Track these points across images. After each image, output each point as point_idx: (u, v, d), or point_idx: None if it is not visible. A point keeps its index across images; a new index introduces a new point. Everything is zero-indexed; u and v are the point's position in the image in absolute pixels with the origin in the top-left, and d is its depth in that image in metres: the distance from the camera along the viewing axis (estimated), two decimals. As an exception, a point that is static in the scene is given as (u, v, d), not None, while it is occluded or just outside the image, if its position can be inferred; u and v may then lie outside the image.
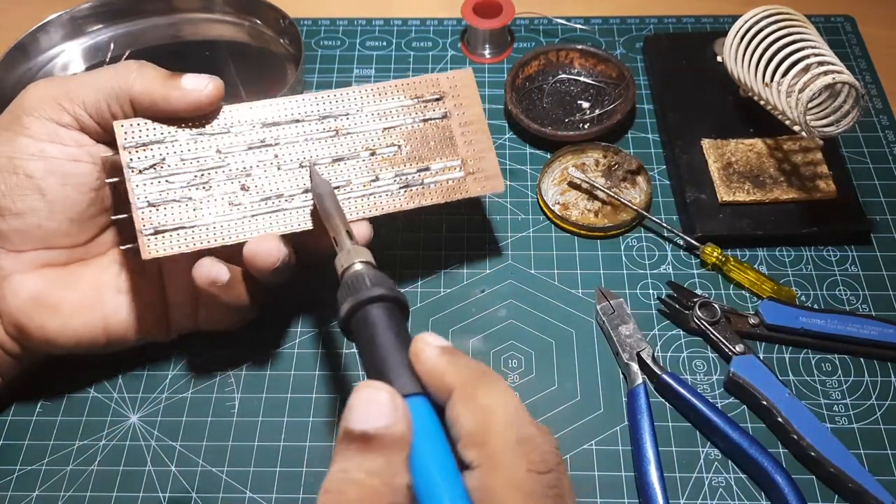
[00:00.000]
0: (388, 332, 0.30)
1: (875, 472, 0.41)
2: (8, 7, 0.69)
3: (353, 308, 0.31)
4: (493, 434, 0.27)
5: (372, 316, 0.31)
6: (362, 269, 0.33)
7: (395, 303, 0.32)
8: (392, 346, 0.30)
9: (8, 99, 0.58)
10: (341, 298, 0.32)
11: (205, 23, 0.66)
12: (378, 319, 0.31)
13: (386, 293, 0.31)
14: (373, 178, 0.44)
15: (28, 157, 0.40)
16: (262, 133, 0.43)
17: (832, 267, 0.50)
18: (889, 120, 0.58)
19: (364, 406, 0.27)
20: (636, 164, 0.54)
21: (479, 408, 0.28)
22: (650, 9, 0.67)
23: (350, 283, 0.32)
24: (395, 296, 0.32)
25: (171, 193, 0.41)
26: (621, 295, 0.49)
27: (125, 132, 0.41)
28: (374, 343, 0.30)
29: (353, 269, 0.34)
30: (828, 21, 0.65)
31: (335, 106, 0.45)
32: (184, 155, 0.42)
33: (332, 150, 0.44)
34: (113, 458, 0.43)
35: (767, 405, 0.43)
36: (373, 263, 0.34)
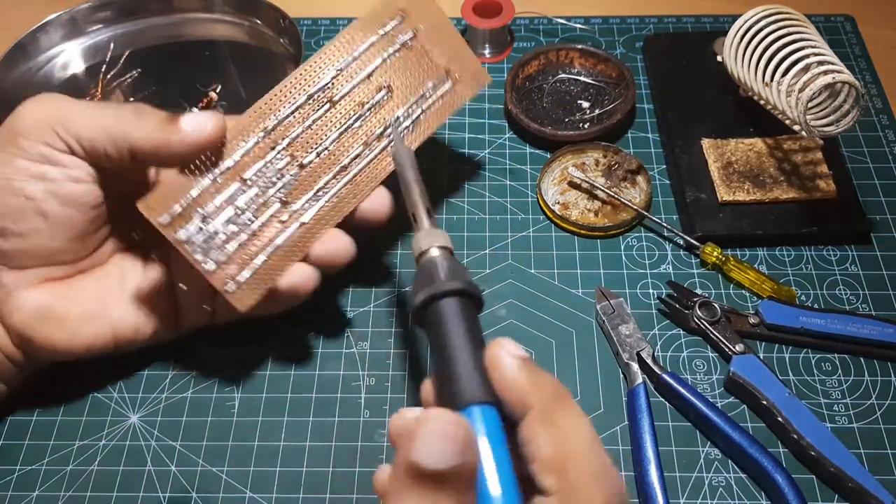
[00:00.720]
0: (461, 331, 0.29)
1: (875, 472, 0.41)
2: (8, 7, 0.69)
3: (427, 300, 0.30)
4: (573, 462, 0.26)
5: (445, 311, 0.29)
6: (439, 257, 0.32)
7: (470, 297, 0.30)
8: (464, 346, 0.28)
9: (8, 98, 0.59)
10: (416, 286, 0.31)
11: (205, 23, 0.66)
12: (451, 315, 0.29)
13: (462, 287, 0.30)
14: (381, 131, 0.44)
15: (27, 179, 0.39)
16: (269, 141, 0.42)
17: (832, 266, 0.50)
18: (889, 119, 0.58)
19: (438, 442, 0.25)
20: (636, 163, 0.54)
21: (560, 432, 0.27)
22: (650, 8, 0.67)
23: (426, 271, 0.31)
24: (471, 290, 0.30)
25: (227, 242, 0.40)
26: (621, 295, 0.49)
27: (153, 210, 0.39)
28: (446, 341, 0.29)
29: (430, 254, 0.32)
30: (828, 21, 0.65)
31: (315, 79, 0.43)
32: (215, 200, 0.40)
33: (335, 123, 0.43)
34: (113, 458, 0.43)
35: (767, 405, 0.43)
36: (450, 249, 0.33)
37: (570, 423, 0.27)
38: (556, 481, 0.26)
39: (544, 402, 0.27)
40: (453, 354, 0.28)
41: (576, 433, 0.27)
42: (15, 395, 0.44)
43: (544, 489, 0.26)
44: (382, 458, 0.43)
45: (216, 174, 0.41)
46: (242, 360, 0.47)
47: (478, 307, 0.31)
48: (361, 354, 0.47)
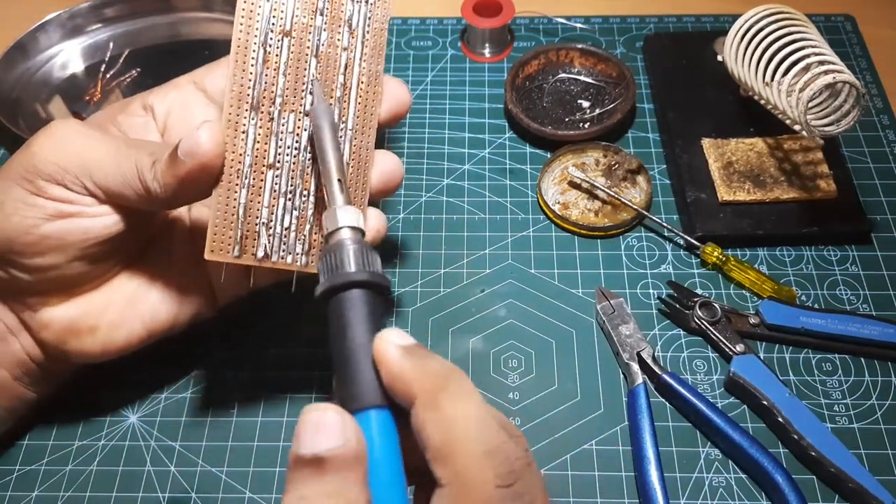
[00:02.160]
0: (360, 326, 0.28)
1: (875, 472, 0.41)
2: (7, 6, 0.68)
3: (330, 290, 0.29)
4: (458, 448, 0.25)
5: (346, 303, 0.28)
6: (348, 240, 0.30)
7: (375, 289, 0.29)
8: (361, 345, 0.27)
9: (7, 98, 0.59)
10: (321, 270, 0.29)
11: (204, 22, 0.66)
12: (352, 309, 0.28)
13: (366, 278, 0.28)
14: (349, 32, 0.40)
15: (45, 217, 0.38)
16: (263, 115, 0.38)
17: (832, 266, 0.50)
18: (889, 119, 0.58)
19: (312, 429, 0.26)
20: (636, 163, 0.54)
21: (444, 418, 0.26)
22: (650, 8, 0.67)
23: (332, 256, 0.29)
24: (377, 280, 0.29)
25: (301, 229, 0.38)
26: (621, 295, 0.49)
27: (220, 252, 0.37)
28: (344, 337, 0.28)
29: (339, 236, 0.30)
30: (828, 20, 0.65)
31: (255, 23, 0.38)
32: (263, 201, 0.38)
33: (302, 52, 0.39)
34: (113, 458, 0.43)
35: (768, 405, 0.43)
36: (361, 230, 0.31)
37: (457, 406, 0.26)
38: (445, 471, 0.25)
39: (428, 387, 0.26)
40: (349, 353, 0.27)
41: (462, 415, 0.26)
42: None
43: (437, 479, 0.26)
44: (382, 458, 0.43)
45: (244, 179, 0.37)
46: (242, 361, 0.47)
47: (384, 298, 0.29)
48: (361, 354, 0.47)
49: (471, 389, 0.27)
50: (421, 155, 0.57)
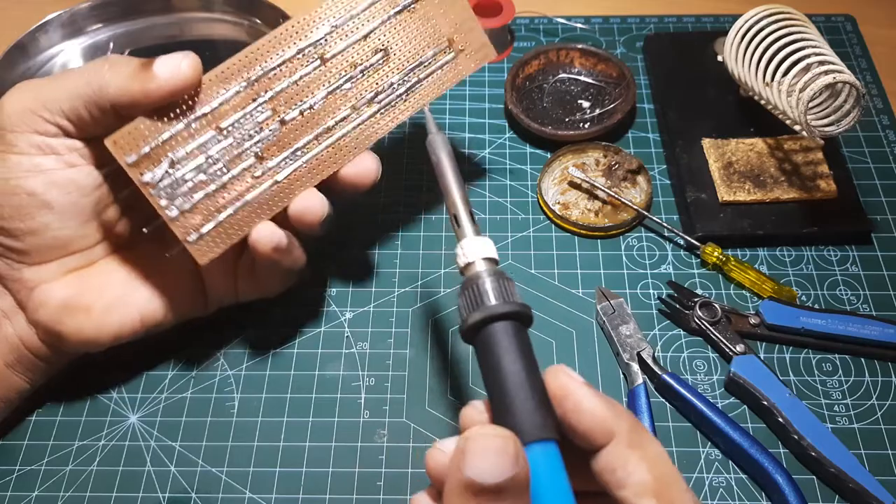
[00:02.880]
0: (516, 359, 0.28)
1: (876, 472, 0.41)
2: (8, 6, 0.68)
3: (478, 324, 0.28)
4: (671, 484, 0.27)
5: (496, 336, 0.28)
6: (486, 272, 0.30)
7: (521, 319, 0.29)
8: (521, 375, 0.27)
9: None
10: (462, 306, 0.29)
11: (205, 22, 0.66)
12: (503, 341, 0.28)
13: (515, 310, 0.28)
14: (372, 95, 0.42)
15: (24, 175, 0.38)
16: (251, 92, 0.40)
17: (833, 267, 0.50)
18: (889, 120, 0.58)
19: (492, 457, 0.25)
20: (636, 163, 0.54)
21: (651, 456, 0.27)
22: (650, 8, 0.67)
23: (474, 290, 0.29)
24: (523, 311, 0.29)
25: (194, 191, 0.40)
26: (622, 295, 0.49)
27: (120, 148, 0.39)
28: (501, 370, 0.27)
29: (475, 269, 0.30)
30: (828, 21, 0.65)
31: (308, 32, 0.41)
32: (187, 146, 0.39)
33: (323, 82, 0.42)
34: (113, 458, 0.43)
35: (768, 405, 0.43)
36: (496, 260, 0.31)
37: (657, 447, 0.28)
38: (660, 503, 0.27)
39: (627, 427, 0.27)
40: (509, 386, 0.27)
41: (662, 457, 0.28)
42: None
43: None
44: (382, 458, 0.43)
45: (190, 119, 0.39)
46: (242, 361, 0.47)
47: (528, 326, 0.29)
48: (361, 355, 0.47)
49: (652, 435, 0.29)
50: (421, 155, 0.57)
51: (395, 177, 0.55)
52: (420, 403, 0.45)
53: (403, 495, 0.42)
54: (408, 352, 0.47)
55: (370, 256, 0.51)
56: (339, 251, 0.52)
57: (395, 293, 0.50)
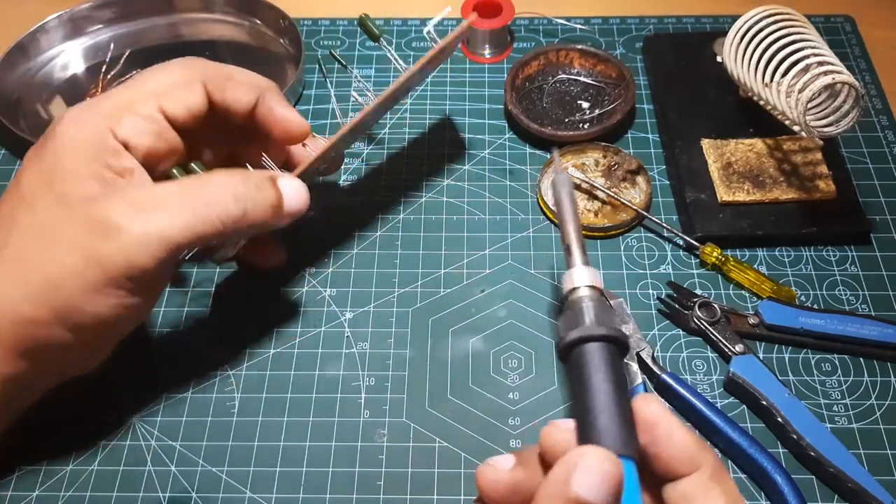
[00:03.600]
0: (606, 379, 0.29)
1: (875, 472, 0.41)
2: (8, 7, 0.69)
3: (576, 342, 0.30)
4: None
5: (592, 356, 0.29)
6: (588, 297, 0.31)
7: (616, 344, 0.30)
8: (609, 394, 0.28)
9: (8, 99, 0.59)
10: (564, 324, 0.31)
11: (205, 23, 0.66)
12: (597, 361, 0.29)
13: (611, 334, 0.30)
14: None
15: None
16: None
17: (832, 267, 0.50)
18: (889, 120, 0.58)
19: (603, 479, 0.25)
20: (636, 164, 0.54)
21: (730, 491, 0.28)
22: (650, 9, 0.67)
23: (575, 310, 0.31)
24: (620, 338, 0.30)
25: None
26: (621, 295, 0.49)
27: None
28: (591, 387, 0.28)
29: (580, 293, 0.32)
30: (827, 21, 0.65)
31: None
32: None
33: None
34: (113, 458, 0.43)
35: (767, 405, 0.43)
36: (600, 289, 0.32)
37: (733, 486, 0.28)
38: None
39: (712, 460, 0.28)
40: (598, 404, 0.28)
41: (738, 497, 0.28)
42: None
43: None
44: (382, 458, 0.43)
45: None
46: (242, 361, 0.47)
47: (623, 354, 0.31)
48: (361, 354, 0.47)
49: None
50: (421, 155, 0.57)
51: (395, 177, 0.55)
52: (420, 403, 0.45)
53: (403, 495, 0.42)
54: (408, 352, 0.47)
55: (370, 256, 0.51)
56: (339, 251, 0.52)
57: (395, 293, 0.50)
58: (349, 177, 0.56)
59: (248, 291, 0.50)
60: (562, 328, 0.31)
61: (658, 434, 0.28)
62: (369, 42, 0.64)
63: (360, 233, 0.52)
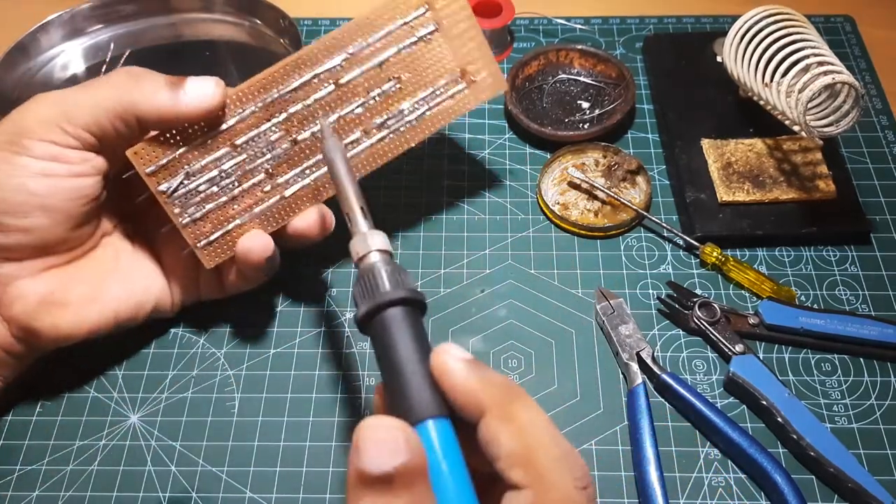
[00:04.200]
0: (407, 341, 0.28)
1: (875, 472, 0.41)
2: (8, 7, 0.69)
3: (370, 312, 0.29)
4: (537, 453, 0.27)
5: (389, 321, 0.29)
6: (379, 262, 0.31)
7: (414, 305, 0.29)
8: (411, 358, 0.28)
9: (7, 98, 0.59)
10: (357, 295, 0.30)
11: (205, 23, 0.66)
12: (396, 326, 0.28)
13: (405, 296, 0.29)
14: (382, 121, 0.44)
15: (31, 176, 0.39)
16: (266, 112, 0.42)
17: (832, 267, 0.50)
18: (889, 120, 0.58)
19: (378, 446, 0.25)
20: (636, 164, 0.54)
21: (519, 426, 0.27)
22: (650, 9, 0.67)
23: (367, 279, 0.30)
24: (415, 297, 0.29)
25: (206, 201, 0.42)
26: (621, 295, 0.49)
27: (140, 158, 0.41)
28: (393, 354, 0.28)
29: (369, 260, 0.31)
30: (827, 21, 0.65)
31: (325, 58, 0.43)
32: (203, 161, 0.42)
33: (336, 104, 0.43)
34: (113, 458, 0.43)
35: (767, 405, 0.43)
36: (390, 252, 0.32)
37: (528, 416, 0.28)
38: (525, 474, 0.26)
39: (498, 400, 0.28)
40: (400, 368, 0.28)
41: (534, 425, 0.27)
42: (11, 389, 0.44)
43: (514, 483, 0.27)
44: (382, 458, 0.43)
45: (208, 135, 0.42)
46: (242, 361, 0.47)
47: (422, 313, 0.30)
48: (361, 354, 0.47)
49: (535, 404, 0.28)
50: (421, 155, 0.57)
51: (394, 177, 0.55)
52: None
53: (403, 495, 0.42)
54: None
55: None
56: (340, 251, 0.52)
57: (394, 293, 0.50)
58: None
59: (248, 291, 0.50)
60: (357, 297, 0.30)
61: (446, 385, 0.28)
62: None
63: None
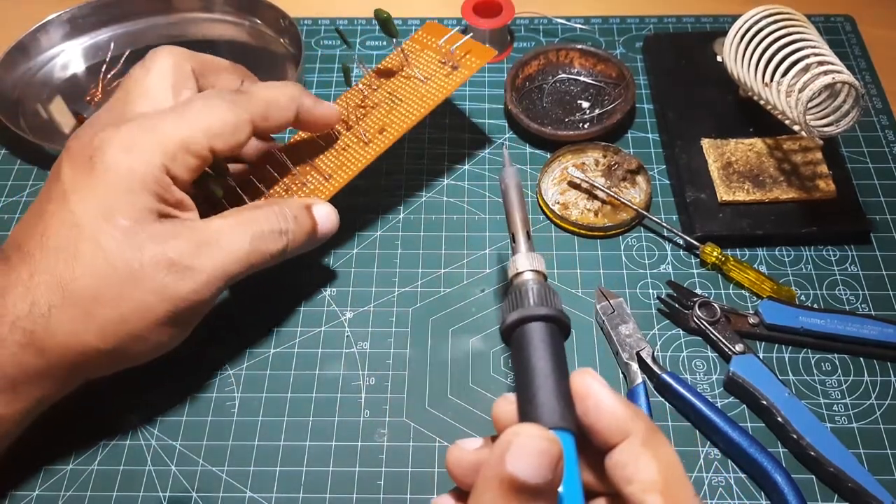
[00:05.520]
0: (546, 356, 0.29)
1: (875, 472, 0.41)
2: (8, 7, 0.69)
3: (516, 322, 0.30)
4: (677, 486, 0.28)
5: (532, 334, 0.30)
6: (531, 281, 0.32)
7: (558, 325, 0.31)
8: (548, 371, 0.29)
9: (8, 98, 0.59)
10: (507, 307, 0.32)
11: (205, 23, 0.66)
12: (538, 339, 0.30)
13: (551, 314, 0.30)
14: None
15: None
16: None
17: (832, 267, 0.50)
18: (889, 120, 0.58)
19: (535, 455, 0.25)
20: (636, 163, 0.54)
21: (664, 456, 0.28)
22: (650, 8, 0.67)
23: (518, 293, 0.32)
24: (560, 318, 0.31)
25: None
26: (621, 294, 0.49)
27: None
28: (531, 364, 0.29)
29: (524, 277, 0.33)
30: (828, 21, 0.65)
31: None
32: None
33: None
34: (113, 458, 0.43)
35: (767, 405, 0.43)
36: (544, 274, 0.34)
37: (668, 451, 0.29)
38: (664, 502, 0.27)
39: (643, 428, 0.28)
40: (536, 378, 0.29)
41: (674, 460, 0.28)
42: None
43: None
44: (382, 457, 0.43)
45: None
46: (242, 361, 0.47)
47: (565, 335, 0.31)
48: (361, 354, 0.47)
49: (669, 442, 0.29)
50: (421, 155, 0.57)
51: (395, 177, 0.55)
52: (420, 403, 0.45)
53: (403, 494, 0.42)
54: (408, 352, 0.47)
55: (370, 256, 0.51)
56: (339, 251, 0.52)
57: (395, 293, 0.50)
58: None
59: (249, 291, 0.50)
60: (504, 310, 0.31)
61: (588, 405, 0.28)
62: (369, 41, 0.64)
63: (360, 232, 0.53)
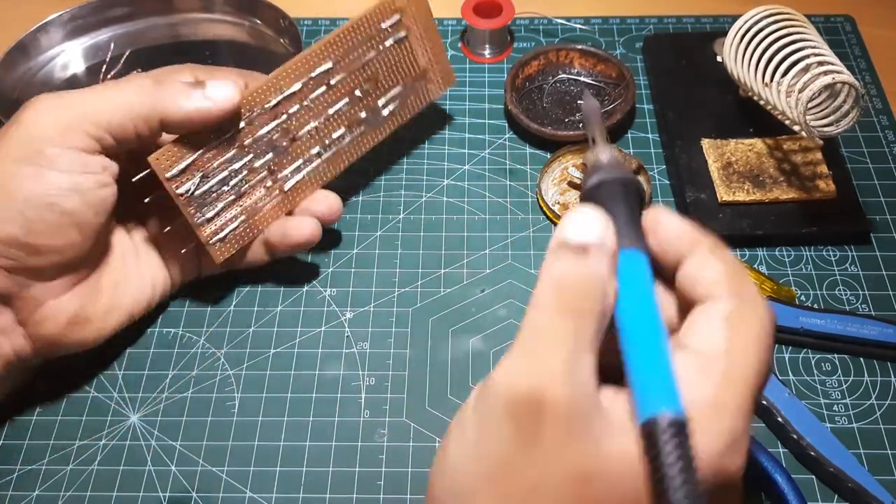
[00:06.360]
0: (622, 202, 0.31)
1: (875, 472, 0.41)
2: (8, 7, 0.69)
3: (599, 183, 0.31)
4: (742, 278, 0.28)
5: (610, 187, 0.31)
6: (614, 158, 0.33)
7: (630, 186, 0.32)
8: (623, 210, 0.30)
9: (8, 98, 0.59)
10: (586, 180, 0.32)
11: (205, 23, 0.66)
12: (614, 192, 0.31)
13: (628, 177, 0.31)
14: (359, 119, 0.49)
15: (63, 194, 0.38)
16: (271, 114, 0.45)
17: (832, 267, 0.50)
18: (889, 120, 0.58)
19: (581, 223, 0.28)
20: (636, 163, 0.54)
21: (727, 259, 0.29)
22: (650, 9, 0.67)
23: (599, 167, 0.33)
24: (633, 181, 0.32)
25: (217, 200, 0.44)
26: (621, 295, 0.49)
27: (161, 164, 0.41)
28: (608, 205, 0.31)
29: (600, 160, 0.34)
30: (828, 21, 0.65)
31: (322, 61, 0.47)
32: (216, 162, 0.44)
33: (326, 104, 0.48)
34: (113, 458, 0.43)
35: (767, 405, 0.43)
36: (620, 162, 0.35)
37: (732, 257, 0.29)
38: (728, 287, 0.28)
39: (710, 242, 0.29)
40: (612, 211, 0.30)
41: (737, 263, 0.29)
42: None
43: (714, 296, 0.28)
44: (382, 457, 0.43)
45: (221, 138, 0.44)
46: (242, 361, 0.47)
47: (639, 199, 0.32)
48: (361, 354, 0.47)
49: None
50: (421, 155, 0.57)
51: (395, 177, 0.55)
52: (420, 403, 0.45)
53: (403, 495, 0.42)
54: (408, 352, 0.47)
55: (370, 256, 0.51)
56: (339, 251, 0.52)
57: (395, 293, 0.50)
58: (349, 177, 0.56)
59: (249, 291, 0.50)
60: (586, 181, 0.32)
61: (659, 230, 0.30)
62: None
63: (360, 233, 0.53)
